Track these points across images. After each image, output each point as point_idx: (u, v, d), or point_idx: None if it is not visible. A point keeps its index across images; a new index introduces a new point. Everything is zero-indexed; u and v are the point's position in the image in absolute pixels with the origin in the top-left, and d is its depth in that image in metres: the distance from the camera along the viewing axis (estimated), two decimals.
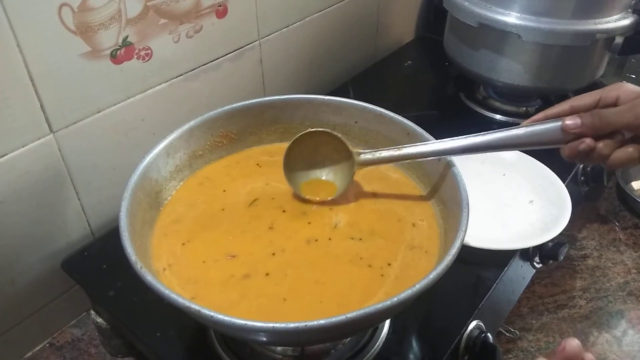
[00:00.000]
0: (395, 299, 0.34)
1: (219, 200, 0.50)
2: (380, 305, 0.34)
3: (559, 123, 0.43)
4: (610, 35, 0.70)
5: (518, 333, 0.66)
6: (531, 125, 0.45)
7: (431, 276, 0.36)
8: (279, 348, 0.49)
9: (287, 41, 0.79)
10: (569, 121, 0.42)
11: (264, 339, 0.40)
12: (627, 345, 0.65)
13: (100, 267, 0.57)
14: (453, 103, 0.85)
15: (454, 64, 0.83)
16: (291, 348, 0.48)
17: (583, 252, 0.77)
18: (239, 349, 0.49)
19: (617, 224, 0.82)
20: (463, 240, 0.40)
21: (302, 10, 0.79)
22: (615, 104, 0.42)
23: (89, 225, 0.63)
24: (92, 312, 0.61)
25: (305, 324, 0.33)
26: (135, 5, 0.57)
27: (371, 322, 0.38)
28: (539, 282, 0.72)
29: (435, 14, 1.06)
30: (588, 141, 0.42)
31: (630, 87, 0.43)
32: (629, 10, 0.71)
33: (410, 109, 0.77)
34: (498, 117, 0.82)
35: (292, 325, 0.33)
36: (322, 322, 0.33)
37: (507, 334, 0.65)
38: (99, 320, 0.60)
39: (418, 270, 0.43)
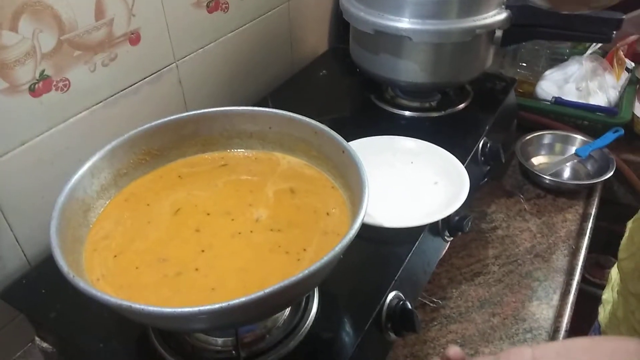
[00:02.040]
0: (301, 274, 0.39)
1: (144, 214, 0.54)
2: (289, 280, 0.39)
3: None
4: (489, 29, 0.80)
5: (440, 302, 0.72)
6: None
7: (332, 253, 0.41)
8: (219, 340, 0.53)
9: (204, 61, 0.84)
10: None
11: (196, 325, 0.44)
12: (537, 299, 0.73)
13: (39, 293, 0.59)
14: (365, 105, 0.93)
15: (361, 70, 0.90)
16: (228, 339, 0.52)
17: (493, 224, 0.85)
18: (180, 347, 0.52)
19: (521, 196, 0.91)
20: (363, 217, 0.46)
21: (215, 32, 0.84)
22: None
23: (25, 255, 0.65)
24: (36, 338, 0.62)
25: (228, 303, 0.38)
26: (49, 40, 0.60)
27: (286, 297, 0.43)
28: (456, 255, 0.79)
29: (343, 25, 1.14)
30: None
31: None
32: (503, 6, 0.81)
33: (326, 114, 0.84)
34: (407, 113, 0.89)
35: (217, 305, 0.38)
36: (242, 299, 0.38)
37: (431, 304, 0.72)
38: (44, 345, 0.62)
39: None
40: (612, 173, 0.90)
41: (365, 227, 0.62)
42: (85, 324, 0.55)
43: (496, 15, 0.80)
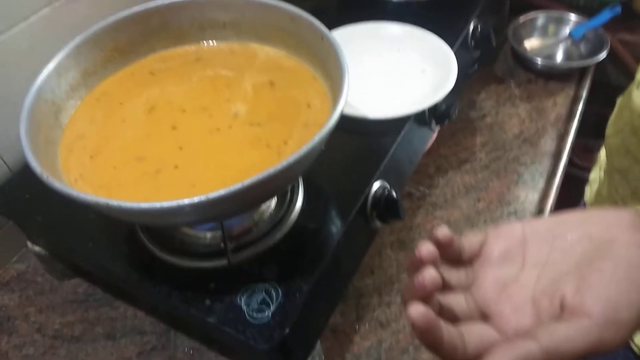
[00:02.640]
0: (279, 165, 0.39)
1: (117, 114, 0.52)
2: (268, 172, 0.38)
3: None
4: None
5: (427, 190, 0.73)
6: None
7: (311, 143, 0.40)
8: (208, 234, 0.54)
9: None
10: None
11: (178, 219, 0.44)
12: (522, 183, 0.74)
13: (23, 198, 0.59)
14: None
15: None
16: (217, 232, 0.53)
17: (482, 112, 0.84)
18: (169, 243, 0.53)
19: (512, 81, 0.89)
20: (343, 105, 0.44)
21: None
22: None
23: (4, 162, 0.64)
24: (28, 243, 0.63)
25: (207, 196, 0.38)
26: None
27: (267, 188, 0.43)
28: (444, 144, 0.79)
29: None
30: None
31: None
32: None
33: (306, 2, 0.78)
34: None
35: (196, 199, 0.38)
36: (222, 192, 0.38)
37: (417, 193, 0.73)
38: (37, 249, 0.63)
39: None
40: (606, 54, 0.87)
41: (349, 118, 0.61)
42: (73, 225, 0.56)
43: None
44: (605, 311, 0.24)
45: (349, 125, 0.59)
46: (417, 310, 0.26)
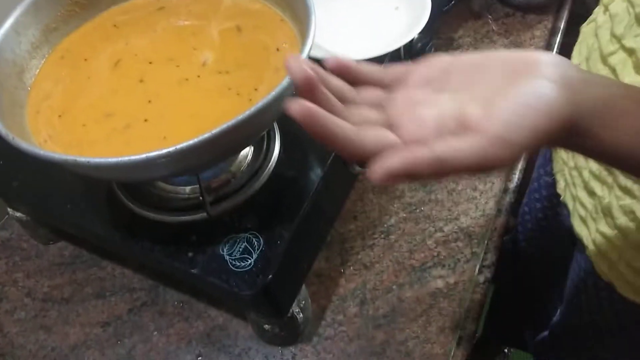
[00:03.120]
0: (248, 112, 0.38)
1: (82, 70, 0.50)
2: (237, 119, 0.38)
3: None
4: None
5: None
6: None
7: (279, 88, 0.40)
8: (186, 188, 0.54)
9: None
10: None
11: (152, 173, 0.44)
12: None
13: None
14: None
15: None
16: (195, 186, 0.53)
17: (460, 49, 0.83)
18: (147, 199, 0.53)
19: (489, 17, 0.87)
20: (311, 46, 0.43)
21: None
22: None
23: None
24: (9, 210, 0.63)
25: (175, 147, 0.37)
26: None
27: (239, 136, 0.42)
28: None
29: None
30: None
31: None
32: None
33: None
34: None
35: (164, 151, 0.37)
36: (191, 142, 0.37)
37: None
38: (18, 214, 0.62)
39: None
40: None
41: (322, 62, 0.60)
42: (50, 188, 0.55)
43: None
44: (498, 130, 0.26)
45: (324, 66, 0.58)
46: (297, 103, 0.26)
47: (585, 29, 0.56)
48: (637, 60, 0.43)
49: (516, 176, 0.67)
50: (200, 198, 0.51)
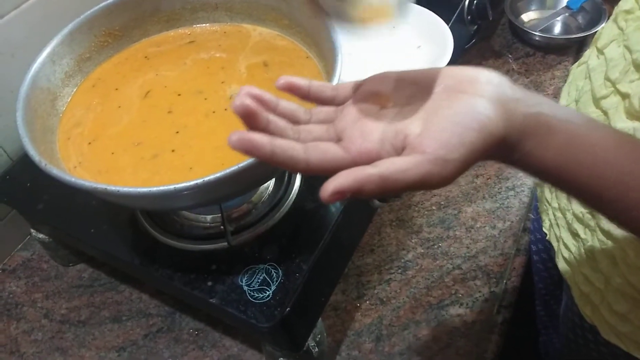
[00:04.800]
0: None
1: (113, 99, 0.52)
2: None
3: None
4: None
5: None
6: None
7: None
8: (208, 217, 0.54)
9: None
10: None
11: (178, 203, 0.45)
12: None
13: (24, 186, 0.60)
14: None
15: None
16: (217, 215, 0.54)
17: None
18: (170, 226, 0.54)
19: (510, 56, 0.88)
20: (337, 83, 0.44)
21: None
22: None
23: (5, 152, 0.64)
24: (32, 230, 0.64)
25: (203, 179, 0.38)
26: None
27: (263, 169, 0.43)
28: None
29: None
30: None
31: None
32: None
33: None
34: None
35: (192, 182, 0.38)
36: (218, 174, 0.38)
37: None
38: (41, 236, 0.64)
39: None
40: (604, 24, 0.85)
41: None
42: (74, 212, 0.56)
43: None
44: (437, 150, 0.27)
45: None
46: (234, 135, 0.29)
47: (576, 70, 0.56)
48: (631, 105, 0.43)
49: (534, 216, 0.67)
50: (222, 227, 0.51)
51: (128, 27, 0.56)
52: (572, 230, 0.51)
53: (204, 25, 0.58)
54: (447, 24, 0.68)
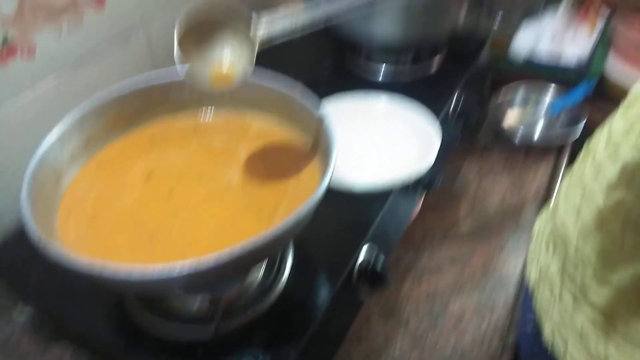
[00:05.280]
0: (267, 233, 0.40)
1: (116, 180, 0.54)
2: (255, 240, 0.40)
3: None
4: None
5: (414, 257, 0.75)
6: None
7: (298, 212, 0.43)
8: (196, 301, 0.54)
9: (174, 21, 0.82)
10: None
11: (170, 287, 0.45)
12: (505, 253, 0.76)
13: (18, 259, 0.59)
14: (341, 63, 0.92)
15: (336, 28, 0.89)
16: (205, 300, 0.54)
17: (466, 182, 0.87)
18: (156, 309, 0.54)
19: (494, 153, 0.93)
20: (330, 177, 0.47)
21: None
22: None
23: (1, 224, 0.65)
24: (15, 310, 0.63)
25: (198, 263, 0.39)
26: (9, 3, 0.58)
27: (256, 255, 0.44)
28: (430, 212, 0.81)
29: None
30: None
31: None
32: None
33: (302, 72, 0.82)
34: (382, 72, 0.89)
35: (187, 266, 0.39)
36: (212, 258, 0.39)
37: (404, 261, 0.74)
38: (23, 315, 0.63)
39: None
40: (582, 128, 0.91)
41: (337, 187, 0.63)
42: (63, 289, 0.56)
43: None
44: None
45: (338, 193, 0.62)
46: None
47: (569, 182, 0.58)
48: None
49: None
50: (211, 313, 0.51)
51: (137, 112, 0.59)
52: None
53: (209, 110, 0.61)
54: (436, 121, 0.73)
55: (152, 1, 0.77)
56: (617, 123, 0.50)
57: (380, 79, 0.88)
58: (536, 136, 0.96)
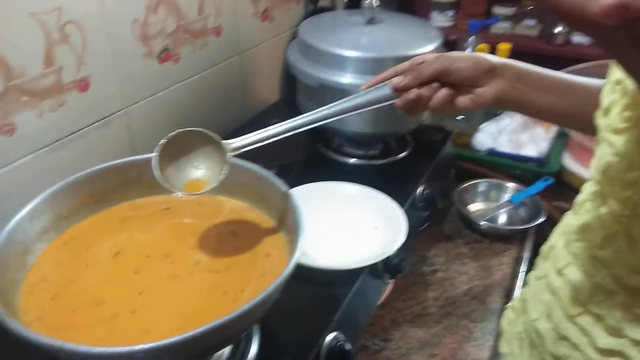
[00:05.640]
0: (231, 314, 0.41)
1: (83, 257, 0.54)
2: (218, 321, 0.40)
3: (389, 84, 0.56)
4: None
5: (382, 344, 0.74)
6: (366, 91, 0.58)
7: (264, 293, 0.43)
8: None
9: (154, 108, 0.86)
10: (396, 79, 0.56)
11: None
12: (473, 340, 0.76)
13: None
14: (313, 153, 0.97)
15: None
16: None
17: (433, 267, 0.89)
18: None
19: (460, 241, 0.96)
20: (297, 259, 0.48)
21: (166, 81, 0.87)
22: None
23: None
24: None
25: (157, 343, 0.39)
26: None
27: (219, 337, 0.44)
28: (398, 297, 0.82)
29: (293, 77, 1.19)
30: (415, 90, 0.55)
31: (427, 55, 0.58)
32: None
33: (275, 160, 0.86)
34: (351, 161, 0.94)
35: (145, 346, 0.39)
36: (172, 340, 0.39)
37: (372, 347, 0.74)
38: None
39: None
40: (543, 219, 0.96)
41: (305, 268, 0.64)
42: None
43: None
44: None
45: (305, 274, 0.62)
46: None
47: (535, 283, 0.60)
48: (607, 326, 0.47)
49: None
50: None
51: (111, 191, 0.60)
52: None
53: (181, 194, 0.63)
54: (402, 208, 0.76)
55: (134, 87, 0.81)
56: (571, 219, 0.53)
57: (350, 168, 0.92)
58: (500, 225, 1.00)
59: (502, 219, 1.01)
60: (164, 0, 0.82)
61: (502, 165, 1.09)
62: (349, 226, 0.75)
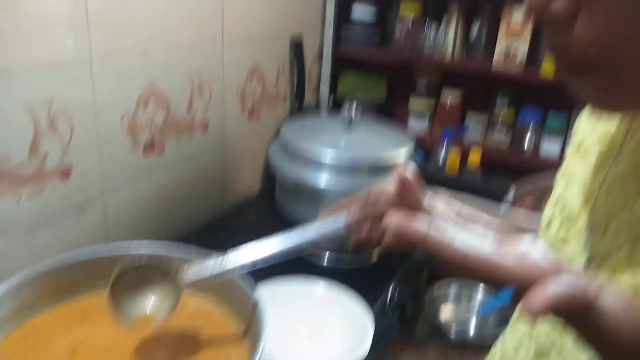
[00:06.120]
0: None
1: (38, 353, 0.53)
2: None
3: (342, 223, 0.55)
4: None
5: None
6: (321, 227, 0.58)
7: None
8: None
9: (134, 197, 0.88)
10: (351, 216, 0.55)
11: None
12: None
13: None
14: None
15: (285, 215, 0.97)
16: None
17: None
18: None
19: (430, 347, 0.95)
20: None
21: (148, 172, 0.89)
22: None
23: None
24: None
25: None
26: None
27: None
28: None
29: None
30: (366, 230, 0.55)
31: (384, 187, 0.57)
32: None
33: None
34: (324, 260, 0.95)
35: None
36: None
37: None
38: None
39: None
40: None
41: None
42: None
43: None
44: None
45: None
46: None
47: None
48: None
49: None
50: None
51: (76, 283, 0.60)
52: None
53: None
54: (371, 312, 0.76)
55: (114, 177, 0.83)
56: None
57: (322, 263, 0.93)
58: (471, 333, 0.99)
59: (473, 325, 1.01)
60: (155, 94, 0.87)
61: None
62: (315, 327, 0.75)
